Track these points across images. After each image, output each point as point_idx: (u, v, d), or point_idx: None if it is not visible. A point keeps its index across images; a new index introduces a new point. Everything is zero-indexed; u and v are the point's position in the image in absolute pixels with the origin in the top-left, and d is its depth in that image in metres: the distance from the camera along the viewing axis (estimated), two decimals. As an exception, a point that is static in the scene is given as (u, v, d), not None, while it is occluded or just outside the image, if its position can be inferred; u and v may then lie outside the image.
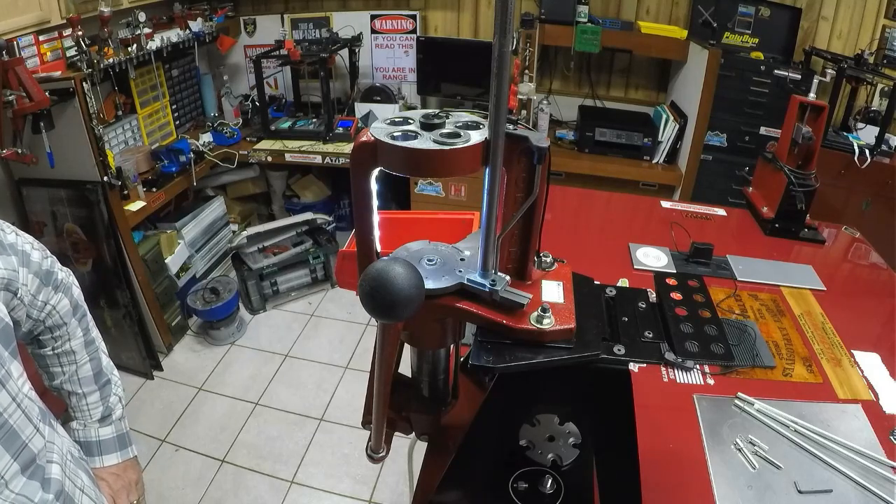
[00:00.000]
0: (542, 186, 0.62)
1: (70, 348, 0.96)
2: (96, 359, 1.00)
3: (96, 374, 0.99)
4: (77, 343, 0.96)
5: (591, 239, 1.66)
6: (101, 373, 1.01)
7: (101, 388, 1.00)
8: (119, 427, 1.03)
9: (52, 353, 0.95)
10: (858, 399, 1.05)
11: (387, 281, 0.51)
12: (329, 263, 3.18)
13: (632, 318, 0.73)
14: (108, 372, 1.03)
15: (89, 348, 0.99)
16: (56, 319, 0.92)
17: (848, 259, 1.63)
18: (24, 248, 0.85)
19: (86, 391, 0.98)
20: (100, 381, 1.00)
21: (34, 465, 0.76)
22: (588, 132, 2.94)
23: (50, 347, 0.94)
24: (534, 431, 0.80)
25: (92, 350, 1.00)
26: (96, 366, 1.00)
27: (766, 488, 0.87)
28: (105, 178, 2.27)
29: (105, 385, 1.01)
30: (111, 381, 1.03)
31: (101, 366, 1.01)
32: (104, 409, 1.00)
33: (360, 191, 0.62)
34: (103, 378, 1.01)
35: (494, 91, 0.53)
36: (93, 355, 0.99)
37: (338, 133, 3.02)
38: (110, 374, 1.03)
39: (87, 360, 0.98)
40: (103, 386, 1.01)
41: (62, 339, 0.94)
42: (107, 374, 1.02)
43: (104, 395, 1.01)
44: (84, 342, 0.98)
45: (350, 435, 2.34)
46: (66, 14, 2.18)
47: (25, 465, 0.74)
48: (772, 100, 2.56)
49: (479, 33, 3.20)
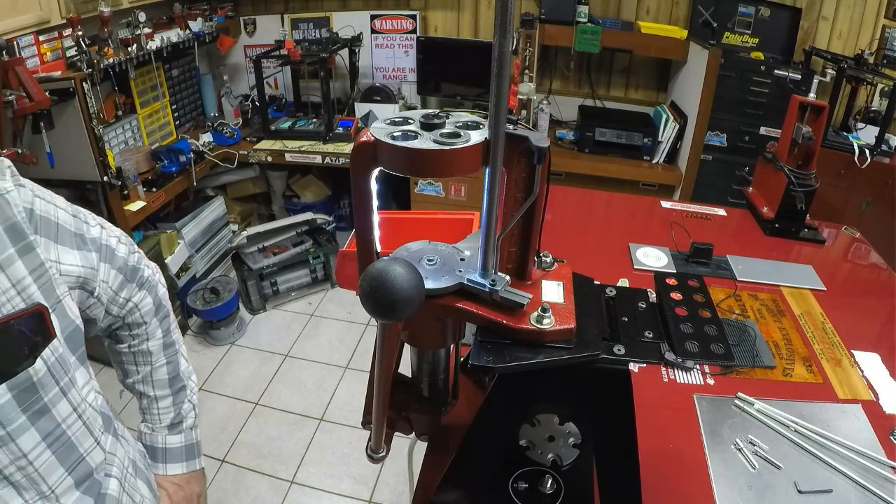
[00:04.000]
0: (542, 186, 0.62)
1: (147, 349, 0.91)
2: (174, 362, 0.95)
3: (172, 378, 0.95)
4: (155, 344, 0.92)
5: (591, 239, 1.66)
6: (178, 377, 0.96)
7: (175, 393, 0.95)
8: (189, 437, 0.98)
9: (129, 351, 0.91)
10: (858, 399, 1.05)
11: (387, 281, 0.51)
12: (329, 263, 3.18)
13: (632, 318, 0.73)
14: (185, 377, 0.98)
15: (167, 351, 0.94)
16: (136, 317, 0.88)
17: (848, 259, 1.63)
18: (109, 243, 0.81)
19: (158, 395, 0.94)
20: (174, 386, 0.95)
21: (90, 479, 0.72)
22: (588, 132, 2.94)
23: (126, 345, 0.90)
24: (534, 431, 0.80)
25: (170, 353, 0.95)
26: (173, 370, 0.95)
27: (766, 488, 0.87)
28: (105, 178, 2.27)
29: (180, 391, 0.96)
30: (186, 387, 0.98)
31: (179, 370, 0.96)
32: (175, 415, 0.95)
33: (360, 191, 0.62)
34: (179, 383, 0.96)
35: (494, 91, 0.53)
36: (170, 358, 0.95)
37: (338, 133, 3.02)
38: (187, 379, 0.98)
39: (163, 363, 0.94)
40: (177, 392, 0.96)
41: (140, 337, 0.90)
42: (183, 380, 0.97)
43: (177, 401, 0.96)
44: (163, 344, 0.93)
45: (350, 435, 2.34)
46: (66, 14, 2.18)
47: (81, 479, 0.70)
48: (772, 100, 2.56)
49: (479, 33, 3.20)
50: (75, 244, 0.73)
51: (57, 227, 0.70)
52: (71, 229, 0.73)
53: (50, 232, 0.69)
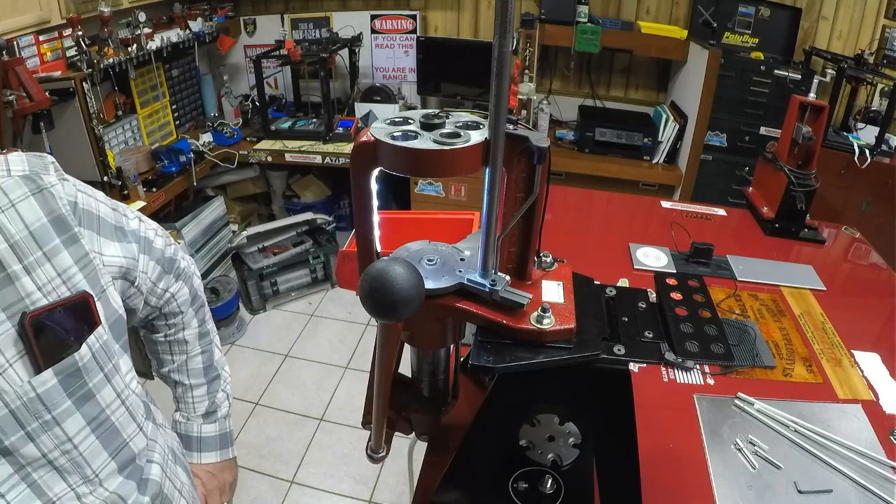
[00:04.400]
0: (542, 186, 0.62)
1: (183, 337, 0.93)
2: (209, 351, 0.98)
3: (206, 367, 0.97)
4: (191, 333, 0.94)
5: (591, 239, 1.66)
6: (212, 366, 0.98)
7: (210, 382, 0.98)
8: (223, 426, 1.01)
9: (164, 340, 0.93)
10: (858, 399, 1.05)
11: (387, 281, 0.51)
12: (329, 263, 3.18)
13: (632, 318, 0.73)
14: (220, 367, 1.00)
15: (203, 340, 0.96)
16: (174, 307, 0.90)
17: (848, 259, 1.63)
18: (147, 235, 0.82)
19: (193, 383, 0.96)
20: (209, 375, 0.97)
21: (133, 464, 0.73)
22: (588, 132, 2.94)
23: (163, 334, 0.92)
24: (534, 431, 0.80)
25: (205, 342, 0.97)
26: (207, 359, 0.97)
27: (766, 488, 0.87)
28: (105, 178, 2.27)
29: (214, 380, 0.98)
30: (220, 377, 1.00)
31: (213, 359, 0.99)
32: (210, 404, 0.98)
33: (360, 191, 0.62)
34: (213, 372, 0.98)
35: (494, 91, 0.53)
36: (205, 347, 0.97)
37: (338, 133, 3.02)
38: (221, 369, 1.01)
39: (199, 352, 0.96)
40: (212, 381, 0.98)
41: (176, 327, 0.92)
42: (217, 369, 0.99)
43: (212, 390, 0.98)
44: (199, 333, 0.95)
45: (350, 435, 2.34)
46: (66, 14, 2.18)
47: (124, 465, 0.71)
48: (772, 100, 2.56)
49: (479, 33, 3.20)
50: (116, 236, 0.74)
51: (99, 219, 0.71)
52: (112, 222, 0.74)
53: (93, 224, 0.70)
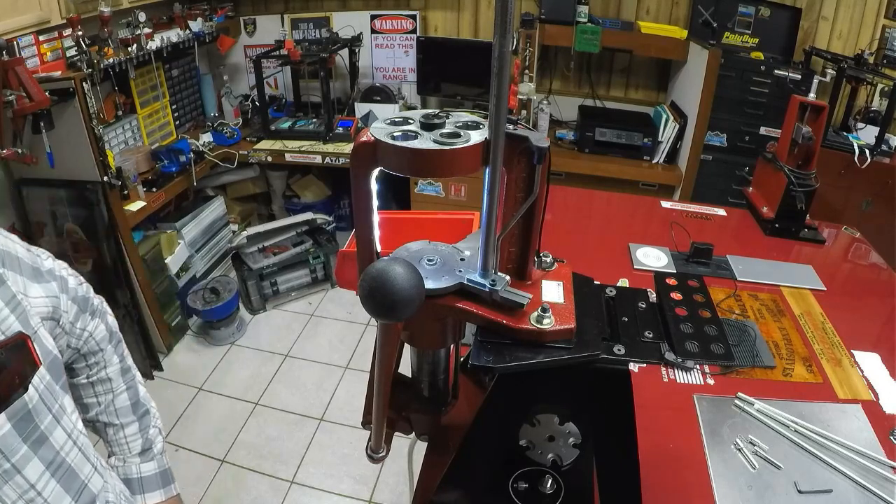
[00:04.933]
0: (542, 186, 0.62)
1: (106, 375, 0.91)
2: (133, 387, 0.95)
3: (134, 403, 0.94)
4: (113, 370, 0.92)
5: (591, 239, 1.66)
6: (139, 403, 0.96)
7: (140, 418, 0.95)
8: (161, 462, 0.98)
9: (87, 382, 0.90)
10: (858, 399, 1.05)
11: (387, 281, 0.51)
12: (329, 263, 3.18)
13: (632, 318, 0.73)
14: (147, 402, 0.98)
15: (126, 376, 0.94)
16: (92, 346, 0.88)
17: (848, 259, 1.63)
18: (62, 274, 0.81)
19: (123, 422, 0.93)
20: (138, 412, 0.95)
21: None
22: (588, 132, 2.94)
23: (84, 375, 0.89)
24: (534, 431, 0.80)
25: (129, 378, 0.95)
26: (133, 395, 0.95)
27: (766, 488, 0.87)
28: (105, 178, 2.27)
29: (144, 416, 0.96)
30: (150, 412, 0.98)
31: (139, 395, 0.96)
32: (144, 441, 0.95)
33: (360, 191, 0.62)
34: (141, 408, 0.96)
35: (494, 91, 0.53)
36: (129, 384, 0.95)
37: (338, 133, 3.02)
38: (148, 404, 0.98)
39: (123, 389, 0.93)
40: (142, 416, 0.96)
41: (98, 365, 0.90)
42: (145, 405, 0.97)
43: (143, 427, 0.95)
44: (120, 369, 0.93)
45: (350, 435, 2.34)
46: (66, 14, 2.18)
47: None
48: (772, 100, 2.56)
49: (479, 33, 3.20)
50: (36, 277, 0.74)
51: (19, 261, 0.71)
52: (30, 263, 0.74)
53: (14, 265, 0.70)
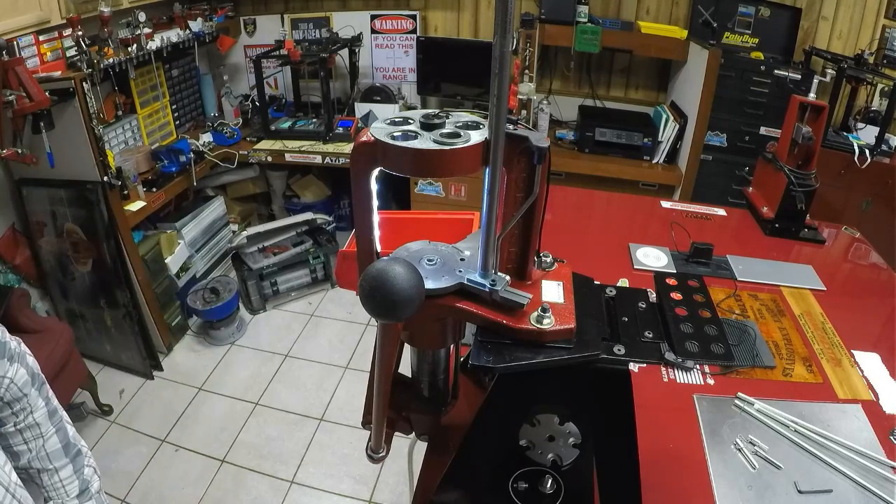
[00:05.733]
0: (542, 186, 0.62)
1: (34, 421, 0.88)
2: (62, 429, 0.93)
3: (65, 445, 0.92)
4: (40, 415, 0.89)
5: (591, 239, 1.66)
6: (70, 444, 0.93)
7: (73, 459, 0.93)
8: (100, 501, 0.96)
9: (15, 430, 0.87)
10: (858, 399, 1.05)
11: (387, 281, 0.51)
12: (329, 263, 3.18)
13: (632, 318, 0.73)
14: (77, 442, 0.95)
15: (53, 418, 0.91)
16: (14, 392, 0.85)
17: (848, 259, 1.63)
18: None
19: (57, 465, 0.91)
20: (70, 453, 0.93)
21: None
22: (588, 132, 2.94)
23: (11, 424, 0.86)
24: (534, 431, 0.80)
25: (57, 420, 0.92)
26: (63, 437, 0.92)
27: (766, 488, 0.87)
28: (105, 178, 2.27)
29: (76, 456, 0.94)
30: (81, 452, 0.95)
31: (69, 436, 0.94)
32: (80, 482, 0.93)
33: (360, 191, 0.62)
34: (73, 449, 0.93)
35: (494, 91, 0.53)
36: (58, 426, 0.92)
37: (338, 133, 3.02)
38: (79, 443, 0.96)
39: (53, 432, 0.91)
40: (75, 457, 0.93)
41: (24, 412, 0.87)
42: (76, 444, 0.95)
43: (77, 468, 0.93)
44: (47, 412, 0.90)
45: (350, 435, 2.34)
46: (66, 14, 2.19)
47: None
48: (772, 100, 2.56)
49: (479, 33, 3.20)
50: None
51: None
52: None
53: None
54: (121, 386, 2.57)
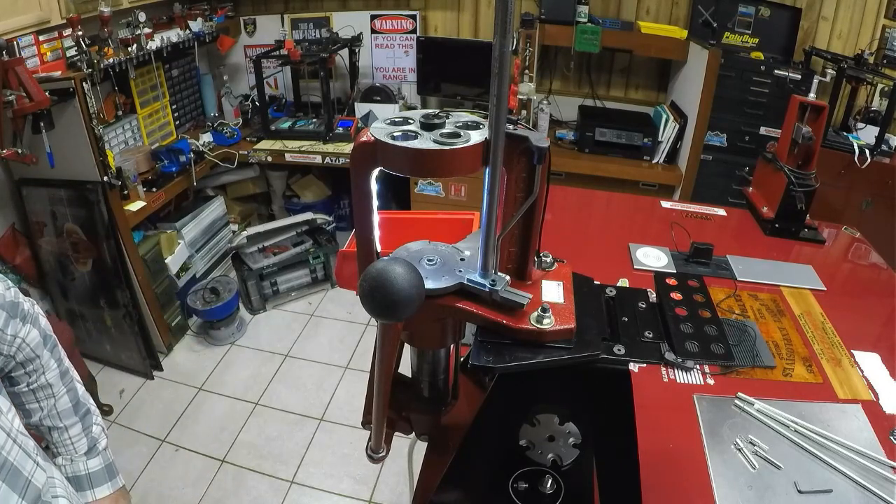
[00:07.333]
0: (542, 186, 0.62)
1: (46, 381, 0.91)
2: (73, 389, 0.96)
3: (75, 405, 0.95)
4: (52, 375, 0.92)
5: (591, 239, 1.66)
6: (80, 403, 0.97)
7: (83, 418, 0.96)
8: (106, 457, 0.99)
9: (28, 389, 0.90)
10: (858, 399, 1.05)
11: (387, 281, 0.51)
12: (329, 263, 3.18)
13: (632, 318, 0.73)
14: (86, 401, 0.99)
15: (65, 379, 0.94)
16: (27, 353, 0.88)
17: (848, 259, 1.63)
18: None
19: (67, 424, 0.94)
20: (80, 412, 0.96)
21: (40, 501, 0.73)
22: (588, 132, 2.94)
23: (24, 384, 0.90)
24: (534, 431, 0.80)
25: (68, 380, 0.95)
26: (74, 397, 0.95)
27: (766, 488, 0.87)
28: (105, 178, 2.27)
29: (86, 415, 0.97)
30: (91, 411, 0.99)
31: (79, 396, 0.97)
32: (89, 440, 0.96)
33: (360, 191, 0.62)
34: (83, 408, 0.97)
35: (494, 91, 0.53)
36: (69, 386, 0.95)
37: (338, 133, 3.02)
38: (88, 403, 0.99)
39: (64, 392, 0.94)
40: (84, 416, 0.96)
41: (37, 372, 0.90)
42: (85, 404, 0.98)
43: (86, 426, 0.97)
44: (59, 373, 0.93)
45: (350, 435, 2.34)
46: (66, 14, 2.18)
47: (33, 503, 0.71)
48: (772, 100, 2.56)
49: (479, 33, 3.20)
50: None
51: None
52: None
53: None
54: (121, 386, 2.57)
